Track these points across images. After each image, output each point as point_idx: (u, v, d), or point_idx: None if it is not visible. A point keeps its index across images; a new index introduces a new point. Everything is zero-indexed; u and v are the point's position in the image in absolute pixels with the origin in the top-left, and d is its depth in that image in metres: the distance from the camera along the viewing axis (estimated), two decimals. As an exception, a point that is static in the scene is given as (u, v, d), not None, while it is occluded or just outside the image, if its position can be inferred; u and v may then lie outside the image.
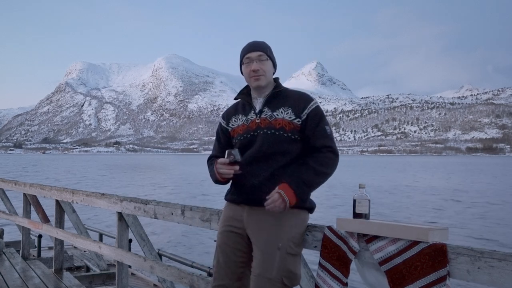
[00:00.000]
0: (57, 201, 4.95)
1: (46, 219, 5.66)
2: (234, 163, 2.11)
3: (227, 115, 2.36)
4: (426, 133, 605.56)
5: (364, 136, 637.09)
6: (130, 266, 4.77)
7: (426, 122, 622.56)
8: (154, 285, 5.85)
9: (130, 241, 4.55)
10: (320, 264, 2.05)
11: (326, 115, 2.18)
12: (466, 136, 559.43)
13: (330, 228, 2.06)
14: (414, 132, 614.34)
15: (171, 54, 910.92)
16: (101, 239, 7.63)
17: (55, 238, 4.97)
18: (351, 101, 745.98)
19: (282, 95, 2.22)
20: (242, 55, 2.25)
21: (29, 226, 5.68)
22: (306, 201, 2.13)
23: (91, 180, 42.50)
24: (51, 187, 5.07)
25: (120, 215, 3.74)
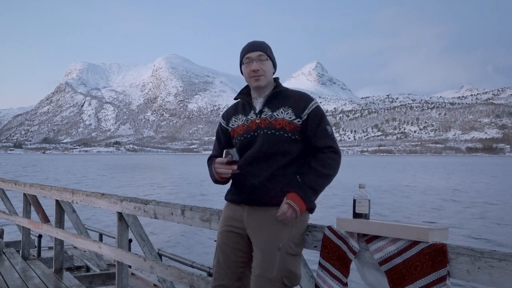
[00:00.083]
0: (57, 201, 4.95)
1: (46, 219, 5.66)
2: (232, 163, 2.11)
3: (227, 115, 2.35)
4: (426, 133, 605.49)
5: (364, 136, 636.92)
6: (130, 266, 4.77)
7: (426, 122, 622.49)
8: (154, 285, 5.84)
9: (130, 241, 4.55)
10: (320, 264, 2.05)
11: (326, 115, 2.18)
12: (466, 136, 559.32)
13: (330, 228, 2.06)
14: (414, 132, 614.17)
15: (171, 54, 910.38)
16: (101, 239, 7.63)
17: (55, 238, 4.97)
18: (351, 101, 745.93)
19: (282, 95, 2.22)
20: (242, 55, 2.24)
21: (29, 226, 5.68)
22: (314, 204, 2.13)
23: (91, 180, 42.50)
24: (51, 187, 5.07)
25: (120, 215, 3.74)
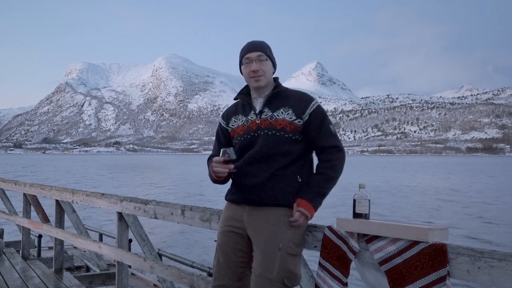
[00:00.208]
0: (57, 201, 4.95)
1: (46, 219, 5.66)
2: (229, 162, 2.11)
3: (227, 115, 2.35)
4: (426, 133, 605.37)
5: (364, 136, 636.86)
6: (130, 266, 4.77)
7: (426, 122, 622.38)
8: (154, 285, 5.84)
9: (130, 241, 4.55)
10: (320, 264, 2.05)
11: (327, 114, 2.19)
12: (466, 136, 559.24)
13: (330, 228, 2.06)
14: (414, 132, 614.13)
15: (171, 54, 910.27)
16: (101, 239, 7.62)
17: (55, 238, 4.97)
18: (351, 101, 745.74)
19: (282, 95, 2.21)
20: (242, 55, 2.23)
21: (29, 226, 5.68)
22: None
23: (91, 180, 42.49)
24: (51, 187, 5.06)
25: (120, 215, 3.74)
